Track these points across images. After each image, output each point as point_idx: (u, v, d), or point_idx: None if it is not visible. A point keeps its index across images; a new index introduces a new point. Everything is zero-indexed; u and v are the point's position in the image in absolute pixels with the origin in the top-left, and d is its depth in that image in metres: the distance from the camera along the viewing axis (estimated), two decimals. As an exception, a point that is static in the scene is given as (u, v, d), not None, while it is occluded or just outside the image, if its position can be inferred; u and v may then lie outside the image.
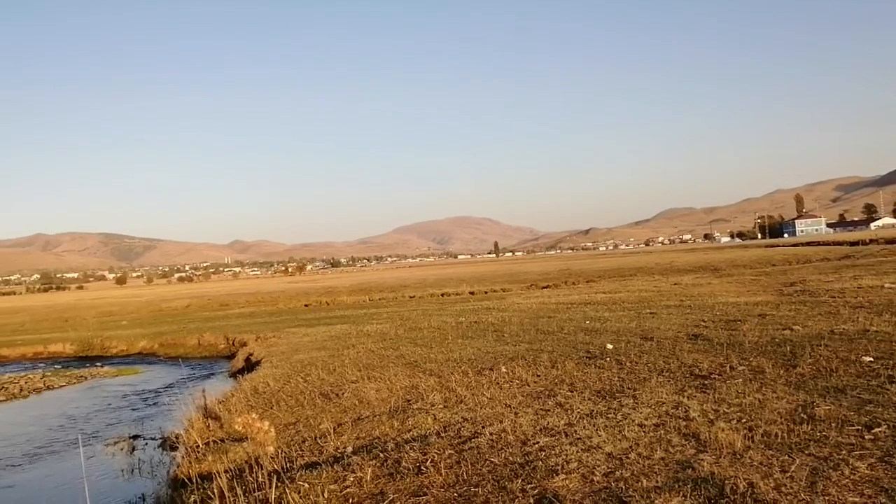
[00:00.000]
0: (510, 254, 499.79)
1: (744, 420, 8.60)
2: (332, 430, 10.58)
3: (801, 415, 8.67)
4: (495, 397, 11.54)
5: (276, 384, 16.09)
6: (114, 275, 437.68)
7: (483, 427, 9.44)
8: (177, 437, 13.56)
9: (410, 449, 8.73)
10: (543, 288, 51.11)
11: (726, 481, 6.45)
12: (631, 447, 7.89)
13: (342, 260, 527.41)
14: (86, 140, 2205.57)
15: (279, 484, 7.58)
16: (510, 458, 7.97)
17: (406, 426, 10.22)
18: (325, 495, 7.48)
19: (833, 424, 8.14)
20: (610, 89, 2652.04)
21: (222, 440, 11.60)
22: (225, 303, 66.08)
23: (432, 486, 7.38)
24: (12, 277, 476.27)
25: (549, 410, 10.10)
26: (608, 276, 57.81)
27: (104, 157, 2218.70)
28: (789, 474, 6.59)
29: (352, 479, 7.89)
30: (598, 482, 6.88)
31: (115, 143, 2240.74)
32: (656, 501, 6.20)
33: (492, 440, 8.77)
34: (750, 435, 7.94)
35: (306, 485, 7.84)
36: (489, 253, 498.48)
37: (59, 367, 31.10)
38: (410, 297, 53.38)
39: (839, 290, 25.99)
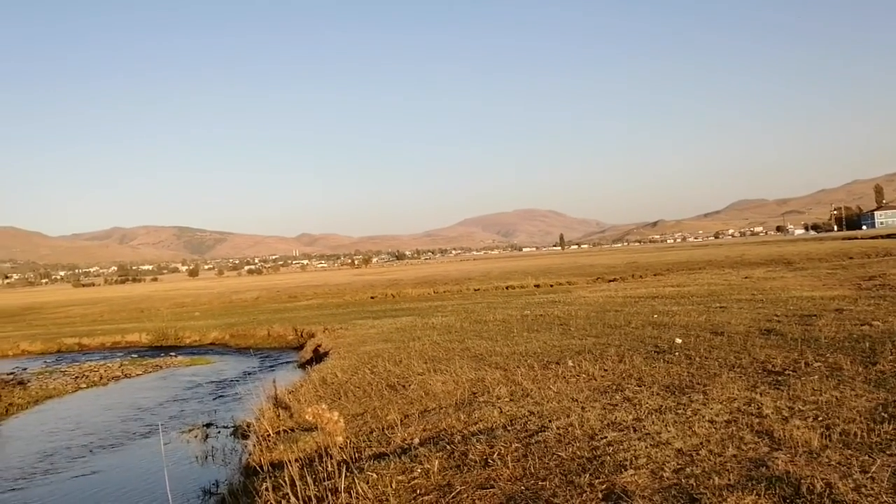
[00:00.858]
0: (575, 246, 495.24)
1: (820, 418, 8.35)
2: (399, 422, 10.69)
3: (882, 413, 8.37)
4: (562, 391, 11.47)
5: (344, 375, 16.34)
6: (186, 267, 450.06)
7: (550, 421, 9.40)
8: (248, 426, 13.90)
9: (477, 442, 8.76)
10: (610, 281, 50.52)
11: (802, 481, 6.28)
12: (701, 443, 7.75)
13: (407, 252, 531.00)
14: (161, 136, 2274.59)
15: (348, 474, 7.70)
16: (577, 452, 7.92)
17: (472, 419, 10.25)
18: (393, 486, 7.57)
19: (916, 424, 7.84)
20: (677, 80, 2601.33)
21: (292, 429, 11.84)
22: (293, 295, 67.33)
23: (499, 478, 7.38)
24: (91, 270, 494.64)
25: (616, 405, 9.99)
26: (676, 270, 56.78)
27: (178, 153, 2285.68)
28: (870, 475, 6.37)
29: (419, 470, 7.96)
30: (667, 478, 6.78)
31: (189, 139, 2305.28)
32: (729, 500, 6.07)
33: (559, 434, 8.72)
34: (827, 433, 7.71)
35: (374, 475, 7.94)
36: (554, 245, 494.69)
37: (136, 356, 32.20)
38: (475, 290, 53.45)
39: (922, 284, 24.97)
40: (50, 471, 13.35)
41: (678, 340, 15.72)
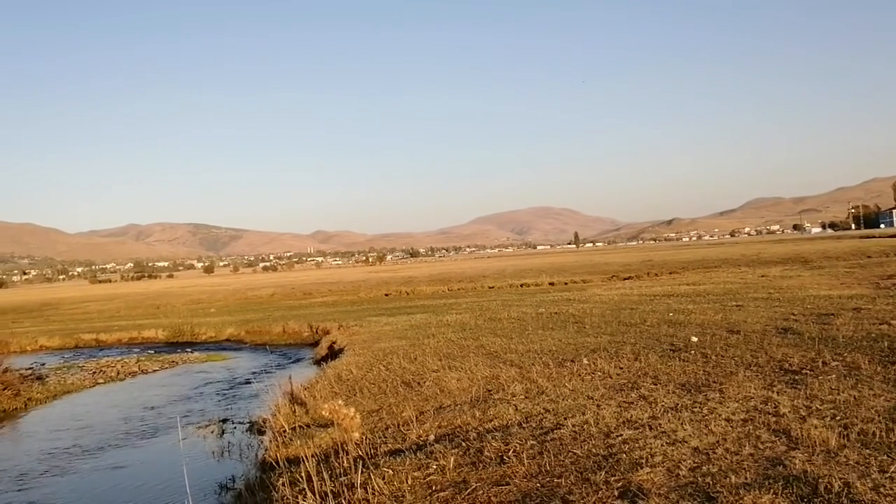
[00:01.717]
0: (590, 244, 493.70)
1: (838, 417, 8.30)
2: (414, 419, 10.72)
3: (901, 413, 8.30)
4: (577, 389, 11.46)
5: (359, 372, 16.39)
6: (202, 264, 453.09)
7: (565, 418, 9.40)
8: (264, 422, 13.99)
9: (492, 439, 8.77)
10: (625, 279, 50.37)
11: (820, 480, 6.25)
12: (718, 442, 7.72)
13: (421, 250, 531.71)
14: (178, 134, 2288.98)
15: (364, 470, 7.73)
16: (593, 449, 7.91)
17: (487, 416, 10.26)
18: (409, 482, 7.59)
19: (935, 424, 7.77)
20: (693, 78, 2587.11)
21: (308, 425, 11.90)
22: (308, 292, 67.54)
23: (515, 475, 7.39)
24: (108, 266, 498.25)
25: (632, 403, 9.97)
26: (692, 268, 56.52)
27: (193, 150, 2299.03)
28: (889, 475, 6.33)
29: (435, 466, 7.98)
30: (683, 477, 6.77)
31: (205, 137, 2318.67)
32: (746, 498, 6.05)
33: (574, 432, 8.72)
34: (845, 433, 7.66)
35: (390, 471, 7.97)
36: (569, 243, 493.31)
37: (152, 352, 32.43)
38: (489, 288, 53.43)
39: (941, 283, 24.73)
40: (70, 464, 13.48)
41: (694, 339, 15.66)
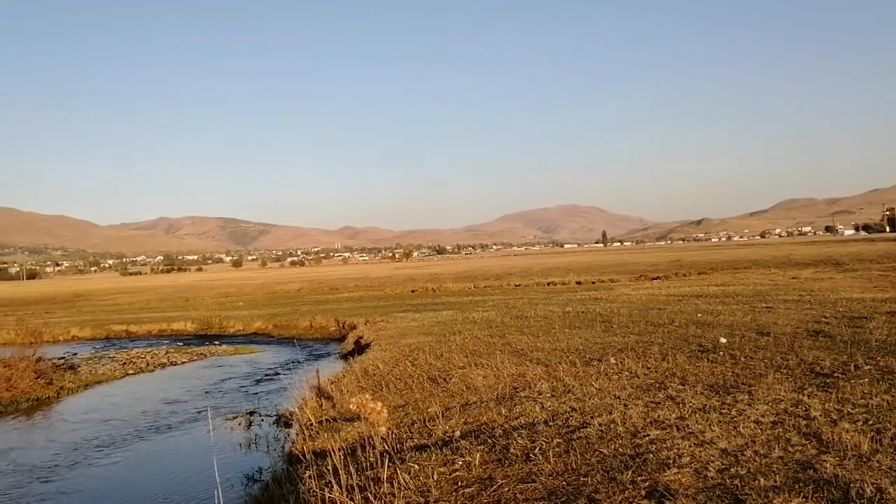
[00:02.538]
0: (618, 244, 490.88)
1: (871, 422, 8.17)
2: (440, 414, 10.74)
3: (935, 419, 8.16)
4: (604, 388, 11.41)
5: (386, 367, 16.46)
6: (230, 258, 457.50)
7: (592, 417, 9.36)
8: (291, 415, 14.10)
9: (518, 436, 8.76)
10: (653, 279, 50.02)
11: (851, 484, 6.16)
12: (746, 444, 7.64)
13: (447, 247, 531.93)
14: (208, 130, 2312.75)
15: (390, 464, 7.76)
16: (620, 449, 7.87)
17: (513, 413, 10.25)
18: (435, 477, 7.61)
19: (971, 430, 7.63)
20: (726, 76, 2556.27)
21: (334, 419, 11.97)
22: (335, 287, 67.90)
23: (541, 473, 7.38)
24: (139, 259, 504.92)
25: (659, 403, 9.90)
26: (721, 269, 55.97)
27: (224, 146, 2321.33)
28: (921, 481, 6.22)
29: (460, 462, 8.00)
30: (711, 478, 6.71)
31: (235, 133, 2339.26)
32: (775, 502, 5.98)
33: (601, 431, 8.68)
34: (878, 437, 7.54)
35: (416, 466, 8.00)
36: (596, 242, 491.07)
37: (181, 344, 32.81)
38: (516, 286, 53.32)
39: (978, 288, 24.24)
40: (101, 453, 13.70)
41: (723, 340, 15.51)
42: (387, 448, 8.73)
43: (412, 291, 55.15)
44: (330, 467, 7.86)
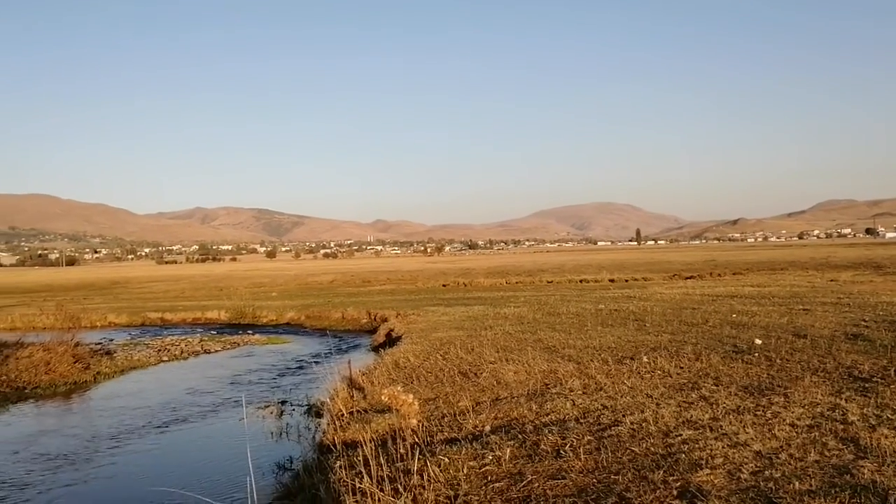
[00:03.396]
0: (652, 242, 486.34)
1: (910, 428, 8.01)
2: (470, 409, 10.75)
3: (978, 427, 7.97)
4: (636, 387, 11.33)
5: (417, 360, 16.50)
6: (264, 248, 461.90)
7: (623, 416, 9.30)
8: (322, 405, 14.21)
9: (549, 432, 8.73)
10: (687, 278, 49.52)
11: (890, 491, 6.04)
12: (781, 447, 7.54)
13: (480, 242, 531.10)
14: (245, 123, 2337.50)
15: (420, 457, 7.78)
16: (651, 448, 7.81)
17: (544, 409, 10.22)
18: (465, 471, 7.62)
19: None
20: (765, 74, 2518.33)
21: (365, 410, 12.04)
22: (367, 279, 68.22)
23: (571, 470, 7.35)
24: (174, 248, 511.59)
25: (692, 403, 9.81)
26: (757, 269, 55.22)
27: (260, 138, 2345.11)
28: (962, 489, 6.09)
29: (490, 457, 7.99)
30: (745, 480, 6.63)
31: (271, 125, 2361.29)
32: (810, 505, 5.90)
33: (632, 429, 8.62)
34: (917, 444, 7.39)
35: (446, 459, 8.02)
36: (630, 240, 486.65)
37: (215, 332, 33.21)
38: (548, 282, 53.14)
39: None
40: (136, 437, 13.93)
41: (758, 341, 15.30)
42: (417, 440, 8.75)
43: (443, 286, 55.20)
44: (360, 458, 7.90)
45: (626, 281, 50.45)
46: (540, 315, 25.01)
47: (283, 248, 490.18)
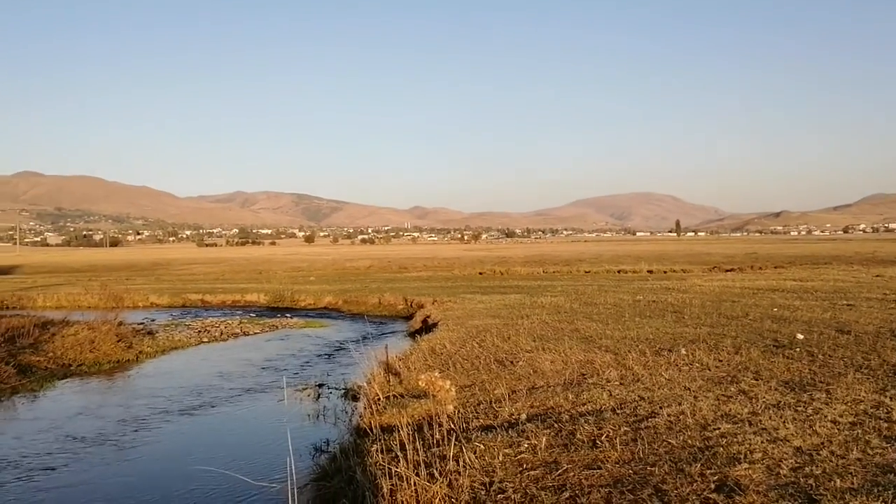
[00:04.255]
0: (692, 233, 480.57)
1: (957, 428, 7.83)
2: (506, 396, 10.76)
3: None
4: (674, 379, 11.24)
5: (453, 347, 16.55)
6: (303, 233, 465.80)
7: (660, 407, 9.24)
8: (358, 389, 14.34)
9: (585, 422, 8.71)
10: (727, 271, 48.88)
11: (934, 491, 5.93)
12: (823, 444, 7.42)
13: (517, 231, 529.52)
14: (285, 108, 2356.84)
15: (456, 443, 7.82)
16: (689, 441, 7.75)
17: (581, 399, 10.20)
18: (500, 458, 7.65)
19: None
20: (812, 64, 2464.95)
21: (401, 395, 12.12)
22: (404, 266, 68.53)
23: (607, 460, 7.34)
24: (214, 231, 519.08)
25: (731, 397, 9.70)
26: (799, 263, 54.31)
27: (300, 123, 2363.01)
28: None
29: (526, 445, 8.01)
30: (784, 476, 6.55)
31: (312, 112, 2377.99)
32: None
33: (669, 421, 8.56)
34: (964, 444, 7.23)
35: (482, 446, 8.05)
36: (669, 231, 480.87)
37: (253, 315, 33.61)
38: (585, 272, 52.83)
39: None
40: (178, 416, 14.21)
41: (800, 336, 15.06)
42: (453, 426, 8.79)
43: (480, 273, 55.17)
44: (397, 442, 7.97)
45: (665, 272, 49.91)
46: (577, 305, 24.89)
47: (322, 233, 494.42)
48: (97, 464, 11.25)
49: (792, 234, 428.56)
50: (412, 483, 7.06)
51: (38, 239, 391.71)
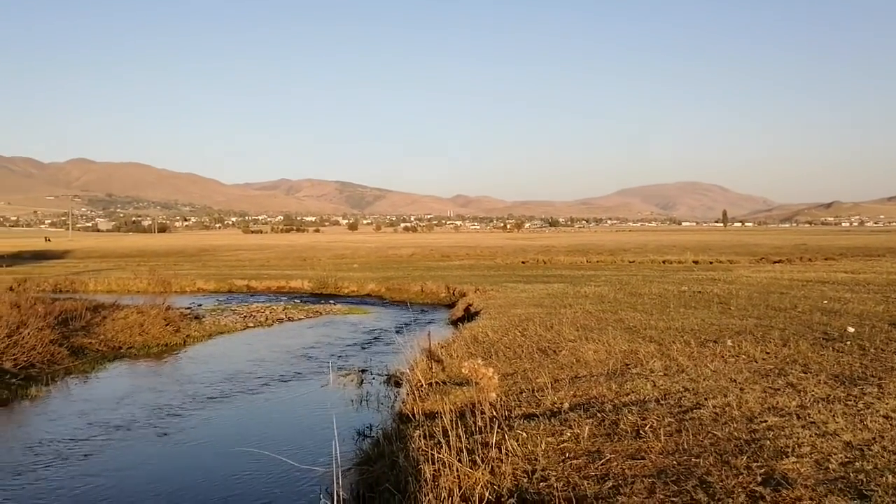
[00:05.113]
0: (739, 224, 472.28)
1: None
2: (549, 385, 10.73)
3: None
4: (719, 370, 11.09)
5: (495, 335, 16.55)
6: (346, 221, 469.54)
7: (705, 399, 9.12)
8: (401, 375, 14.45)
9: (628, 412, 8.65)
10: (775, 262, 47.95)
11: None
12: (874, 439, 7.26)
13: (560, 219, 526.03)
14: (331, 96, 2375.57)
15: (499, 430, 7.85)
16: (734, 433, 7.65)
17: (624, 389, 10.13)
18: (543, 446, 7.64)
19: None
20: (863, 50, 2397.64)
21: (444, 382, 12.18)
22: (446, 254, 68.62)
23: (650, 451, 7.28)
24: (260, 218, 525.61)
25: (778, 390, 9.53)
26: (851, 255, 53.04)
27: (345, 112, 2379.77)
28: None
29: (569, 434, 7.99)
30: (833, 470, 6.42)
31: (356, 100, 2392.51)
32: (903, 500, 5.68)
33: (715, 413, 8.46)
34: None
35: (524, 434, 8.05)
36: (716, 222, 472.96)
37: (298, 301, 34.01)
38: (630, 262, 52.33)
39: None
40: (226, 398, 14.50)
41: (850, 329, 14.72)
42: (495, 414, 8.81)
43: (522, 262, 55.00)
44: (439, 428, 8.02)
45: (711, 263, 49.21)
46: (621, 295, 24.68)
47: (365, 221, 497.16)
48: (147, 445, 11.52)
49: (844, 225, 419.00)
50: (454, 469, 7.10)
51: (90, 224, 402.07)
